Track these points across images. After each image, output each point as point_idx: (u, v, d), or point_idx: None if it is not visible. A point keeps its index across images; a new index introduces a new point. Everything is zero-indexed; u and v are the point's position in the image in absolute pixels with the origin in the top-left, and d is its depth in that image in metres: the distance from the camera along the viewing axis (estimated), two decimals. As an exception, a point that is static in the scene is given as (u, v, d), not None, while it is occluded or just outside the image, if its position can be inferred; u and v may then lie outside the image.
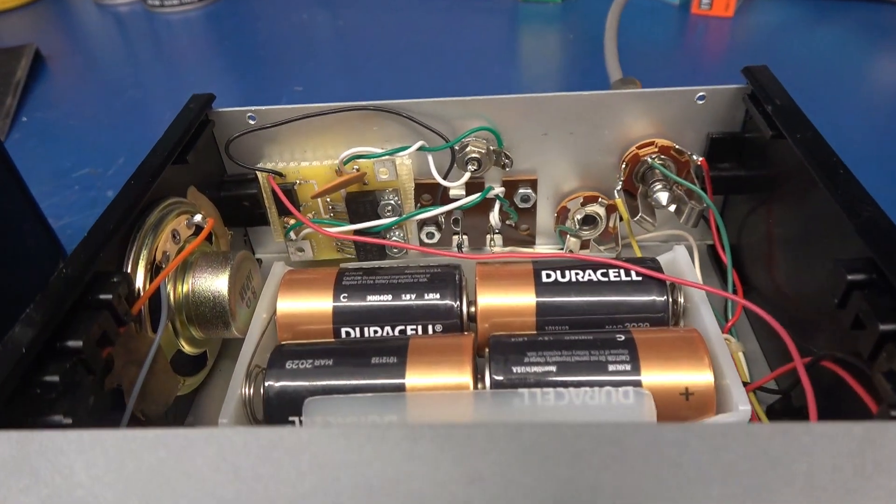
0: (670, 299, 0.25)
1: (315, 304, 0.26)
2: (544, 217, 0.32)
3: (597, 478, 0.13)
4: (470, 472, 0.14)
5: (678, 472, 0.13)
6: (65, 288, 0.19)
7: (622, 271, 0.25)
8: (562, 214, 0.31)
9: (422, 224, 0.32)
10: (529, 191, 0.31)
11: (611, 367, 0.22)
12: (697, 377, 0.22)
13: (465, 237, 0.32)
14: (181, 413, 0.26)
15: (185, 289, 0.25)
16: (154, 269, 0.23)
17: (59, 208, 0.43)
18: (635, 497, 0.13)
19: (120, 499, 0.14)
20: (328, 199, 0.30)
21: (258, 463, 0.14)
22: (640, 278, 0.25)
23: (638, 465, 0.14)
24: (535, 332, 0.25)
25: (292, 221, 0.30)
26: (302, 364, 0.23)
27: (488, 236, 0.32)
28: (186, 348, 0.25)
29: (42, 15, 0.80)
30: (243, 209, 0.31)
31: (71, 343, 0.18)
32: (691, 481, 0.13)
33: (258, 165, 0.30)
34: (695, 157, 0.28)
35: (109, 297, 0.20)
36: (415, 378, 0.22)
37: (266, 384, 0.23)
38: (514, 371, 0.22)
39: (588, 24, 0.61)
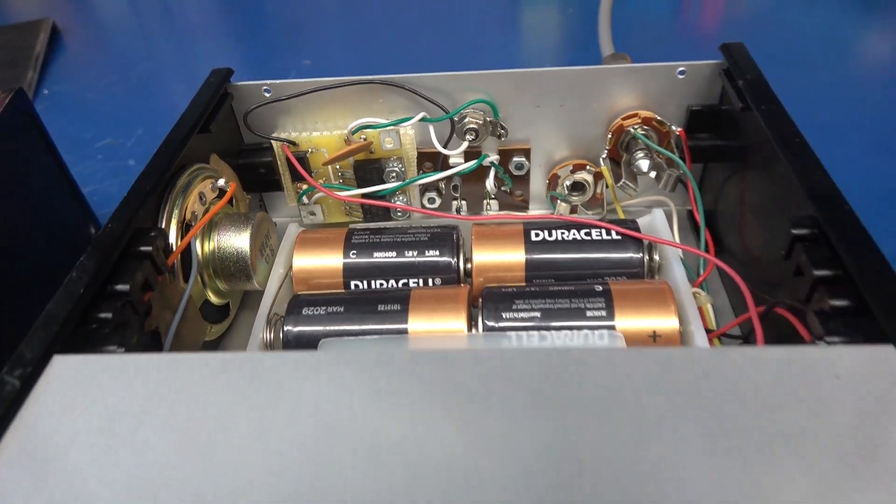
0: (646, 257, 0.28)
1: (327, 260, 0.29)
2: (537, 184, 0.35)
3: (561, 390, 0.16)
4: (453, 387, 0.17)
5: (630, 384, 0.16)
6: (111, 241, 0.22)
7: (603, 231, 0.28)
8: (553, 181, 0.34)
9: (424, 190, 0.34)
10: (523, 159, 0.34)
11: (588, 314, 0.25)
12: (664, 322, 0.24)
13: (463, 203, 0.35)
14: (208, 356, 0.29)
15: (211, 246, 0.28)
16: (184, 227, 0.26)
17: (83, 176, 0.45)
18: (595, 404, 0.16)
19: (169, 412, 0.17)
20: (338, 167, 0.33)
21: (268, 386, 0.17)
22: (619, 237, 0.28)
23: (597, 379, 0.17)
24: (523, 284, 0.27)
25: (305, 187, 0.33)
26: (316, 311, 0.26)
27: (485, 202, 0.35)
28: (213, 299, 0.28)
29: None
30: (259, 176, 0.34)
31: (120, 287, 0.21)
32: (640, 392, 0.16)
33: (273, 135, 0.32)
34: (674, 128, 0.31)
35: (149, 248, 0.23)
36: (416, 323, 0.25)
37: (285, 329, 0.26)
38: (504, 317, 0.25)
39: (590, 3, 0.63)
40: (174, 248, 0.25)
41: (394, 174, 0.33)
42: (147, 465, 0.16)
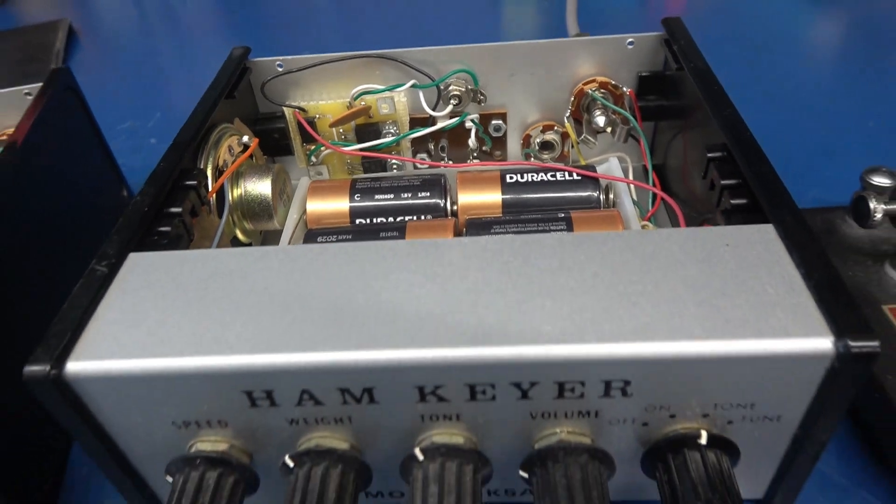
0: (602, 195, 0.33)
1: (335, 204, 0.34)
2: (513, 144, 0.40)
3: (525, 260, 0.22)
4: (439, 262, 0.22)
5: (572, 251, 0.22)
6: (164, 175, 0.27)
7: (566, 173, 0.34)
8: (526, 141, 0.40)
9: (415, 152, 0.40)
10: (500, 122, 0.39)
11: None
12: (614, 238, 0.30)
13: (450, 162, 0.40)
14: (236, 286, 0.34)
15: (238, 192, 0.33)
16: (218, 172, 0.31)
17: (110, 153, 0.51)
18: (548, 268, 0.21)
19: (225, 284, 0.22)
20: (341, 130, 0.38)
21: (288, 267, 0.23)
22: (579, 178, 0.33)
23: (546, 249, 0.22)
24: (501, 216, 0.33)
25: (313, 147, 0.38)
26: (329, 238, 0.31)
27: (469, 160, 0.40)
28: (240, 237, 0.34)
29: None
30: (273, 141, 0.39)
31: (174, 209, 0.27)
32: (580, 257, 0.22)
33: (286, 103, 0.38)
34: (625, 90, 0.36)
35: (194, 182, 0.28)
36: (411, 246, 0.31)
37: (303, 254, 0.31)
38: (483, 238, 0.30)
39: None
40: (211, 187, 0.31)
41: (389, 135, 0.38)
42: (210, 318, 0.21)
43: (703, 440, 0.21)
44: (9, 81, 0.40)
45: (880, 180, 0.28)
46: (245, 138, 0.34)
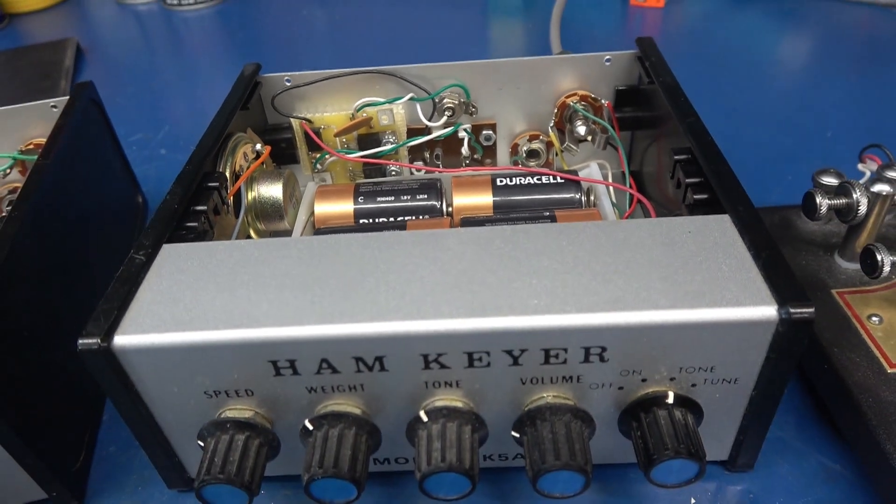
0: (584, 197, 0.37)
1: (341, 206, 0.37)
2: (502, 152, 0.44)
3: (514, 246, 0.25)
4: (439, 246, 0.25)
5: (556, 238, 0.25)
6: (190, 177, 0.31)
7: (551, 177, 0.37)
8: (514, 149, 0.43)
9: (412, 159, 0.43)
10: (490, 132, 0.43)
11: (539, 230, 0.33)
12: (594, 234, 0.33)
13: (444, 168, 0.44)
14: (249, 282, 0.37)
15: (252, 195, 0.36)
16: (235, 176, 0.34)
17: (123, 164, 0.53)
18: (534, 252, 0.25)
19: (252, 270, 0.25)
20: (344, 140, 0.42)
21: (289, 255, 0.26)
22: (562, 181, 0.37)
23: (533, 236, 0.25)
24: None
25: (318, 156, 0.42)
26: (336, 236, 0.34)
27: (462, 168, 0.44)
28: (253, 236, 0.37)
29: (69, 14, 0.90)
30: (280, 150, 0.42)
31: (199, 207, 0.30)
32: (562, 243, 0.25)
33: (293, 115, 0.41)
34: (603, 102, 0.40)
35: (216, 184, 0.31)
36: (411, 242, 0.34)
37: (312, 251, 0.34)
38: (477, 234, 0.34)
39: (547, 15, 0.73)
40: (230, 189, 0.34)
41: (389, 143, 0.41)
42: (238, 297, 0.24)
43: (670, 400, 0.24)
44: (25, 96, 0.43)
45: (828, 180, 0.32)
46: (258, 146, 0.37)
